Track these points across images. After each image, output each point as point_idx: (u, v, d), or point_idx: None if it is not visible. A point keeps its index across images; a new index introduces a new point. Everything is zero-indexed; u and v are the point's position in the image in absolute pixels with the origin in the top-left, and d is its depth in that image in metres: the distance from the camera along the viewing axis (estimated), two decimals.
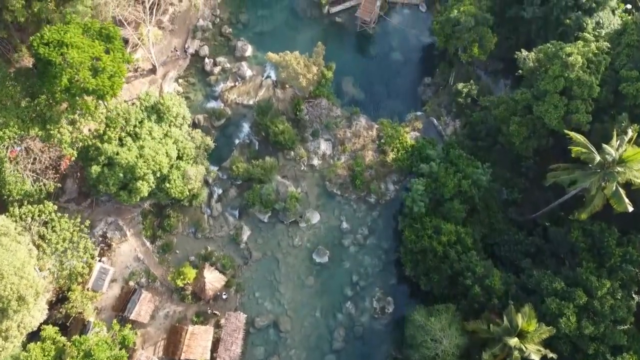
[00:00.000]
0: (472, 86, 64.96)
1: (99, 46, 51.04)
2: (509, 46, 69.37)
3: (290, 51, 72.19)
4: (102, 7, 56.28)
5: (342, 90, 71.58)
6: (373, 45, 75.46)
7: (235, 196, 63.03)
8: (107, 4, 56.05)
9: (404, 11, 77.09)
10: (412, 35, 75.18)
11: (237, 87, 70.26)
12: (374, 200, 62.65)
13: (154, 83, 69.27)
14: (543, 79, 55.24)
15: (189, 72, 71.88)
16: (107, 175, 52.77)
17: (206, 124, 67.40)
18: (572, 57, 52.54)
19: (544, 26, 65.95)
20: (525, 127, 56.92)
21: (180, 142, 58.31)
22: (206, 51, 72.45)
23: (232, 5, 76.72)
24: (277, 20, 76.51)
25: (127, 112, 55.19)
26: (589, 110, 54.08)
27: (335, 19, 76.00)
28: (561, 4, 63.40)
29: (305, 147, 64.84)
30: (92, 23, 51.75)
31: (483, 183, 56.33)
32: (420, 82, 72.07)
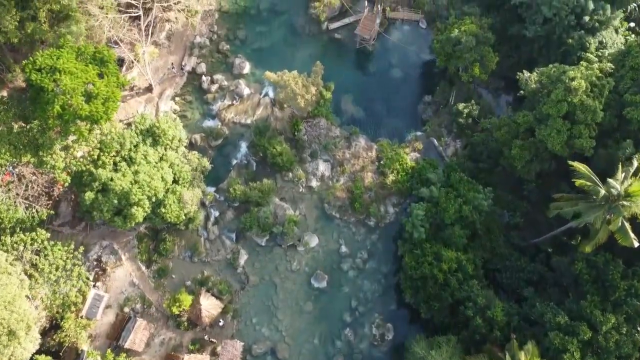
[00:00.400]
0: (473, 106, 63.93)
1: (92, 70, 50.04)
2: (511, 64, 68.51)
3: (289, 69, 71.47)
4: (96, 30, 55.25)
5: (341, 108, 70.58)
6: (372, 61, 74.45)
7: (233, 218, 61.99)
8: (101, 26, 55.00)
9: (404, 27, 76.08)
10: (412, 52, 74.18)
11: (235, 105, 69.25)
12: (373, 223, 61.60)
13: (150, 102, 68.29)
14: (545, 103, 54.22)
15: (186, 90, 70.93)
16: (101, 202, 51.73)
17: (203, 143, 66.38)
18: (576, 81, 51.52)
19: (546, 45, 65.00)
20: (527, 151, 55.89)
21: (176, 166, 57.26)
22: (203, 69, 71.47)
23: (229, 22, 75.78)
24: (275, 36, 75.55)
25: (121, 136, 54.16)
26: (592, 135, 53.05)
27: (334, 35, 75.01)
28: (563, 23, 62.45)
29: (303, 168, 63.81)
30: (85, 47, 50.74)
31: (484, 208, 55.31)
32: (421, 100, 71.04)
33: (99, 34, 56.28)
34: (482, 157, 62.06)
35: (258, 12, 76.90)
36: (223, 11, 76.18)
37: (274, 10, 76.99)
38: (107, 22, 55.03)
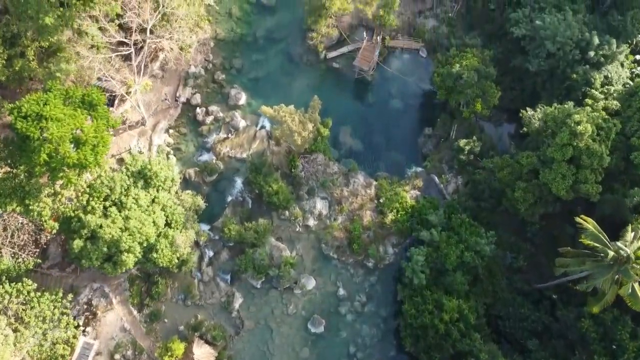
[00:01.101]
0: (475, 143, 62.22)
1: (81, 115, 48.25)
2: (513, 97, 67.01)
3: (286, 99, 69.90)
4: (86, 70, 53.56)
5: (339, 140, 68.82)
6: (371, 92, 72.75)
7: (227, 259, 60.18)
8: (91, 67, 53.27)
9: (404, 56, 74.36)
10: (412, 82, 72.44)
11: (230, 139, 67.47)
12: (372, 265, 59.82)
13: (143, 135, 66.50)
14: (550, 145, 52.52)
15: (180, 121, 69.15)
16: (90, 250, 49.92)
17: (197, 179, 64.61)
18: (581, 125, 49.81)
19: (549, 79, 63.36)
20: (530, 194, 54.18)
21: (168, 208, 55.48)
22: (198, 100, 69.70)
23: (225, 50, 74.05)
24: (272, 65, 73.84)
25: (112, 180, 52.37)
26: (598, 180, 51.31)
27: (333, 64, 73.28)
28: (568, 57, 60.84)
29: (300, 206, 62.02)
30: (74, 91, 48.93)
31: (487, 253, 53.57)
32: (421, 132, 69.31)
33: (89, 74, 54.49)
34: (483, 195, 60.32)
35: (254, 39, 75.24)
36: (219, 39, 74.48)
37: (271, 38, 75.32)
38: (97, 62, 53.15)
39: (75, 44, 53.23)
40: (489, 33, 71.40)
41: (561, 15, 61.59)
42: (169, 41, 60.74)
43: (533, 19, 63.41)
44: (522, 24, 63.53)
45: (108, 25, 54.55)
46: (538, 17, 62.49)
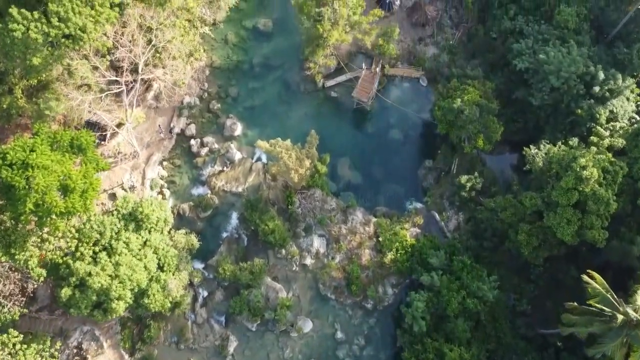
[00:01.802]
0: (476, 179, 60.53)
1: (69, 160, 46.63)
2: (516, 129, 65.21)
3: (283, 128, 68.84)
4: (75, 111, 51.91)
5: (337, 173, 67.08)
6: (370, 121, 71.06)
7: (222, 300, 58.46)
8: (80, 106, 51.58)
9: (404, 85, 72.64)
10: (412, 111, 70.72)
11: (226, 172, 65.78)
12: (371, 306, 58.07)
13: (136, 168, 64.89)
14: (554, 188, 50.81)
15: (175, 153, 67.53)
16: (78, 299, 48.19)
17: (192, 214, 62.94)
18: (587, 170, 48.09)
19: (553, 113, 61.69)
20: (534, 237, 52.47)
21: (161, 250, 53.72)
22: (193, 130, 68.05)
23: (221, 78, 72.40)
24: (269, 93, 72.17)
25: (102, 224, 50.58)
26: (604, 225, 49.62)
27: (331, 93, 71.59)
28: (572, 92, 59.17)
29: (297, 244, 60.30)
30: (62, 135, 47.23)
31: (489, 299, 51.87)
32: (421, 164, 67.54)
33: (79, 113, 52.82)
34: (485, 234, 58.66)
35: (251, 67, 73.60)
36: (214, 67, 72.87)
37: (268, 65, 73.66)
38: (87, 102, 51.46)
39: (64, 84, 51.46)
40: (490, 62, 69.67)
41: (565, 49, 59.94)
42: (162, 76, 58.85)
43: (536, 51, 61.79)
44: (525, 57, 61.87)
45: (99, 63, 52.82)
46: (541, 50, 60.87)
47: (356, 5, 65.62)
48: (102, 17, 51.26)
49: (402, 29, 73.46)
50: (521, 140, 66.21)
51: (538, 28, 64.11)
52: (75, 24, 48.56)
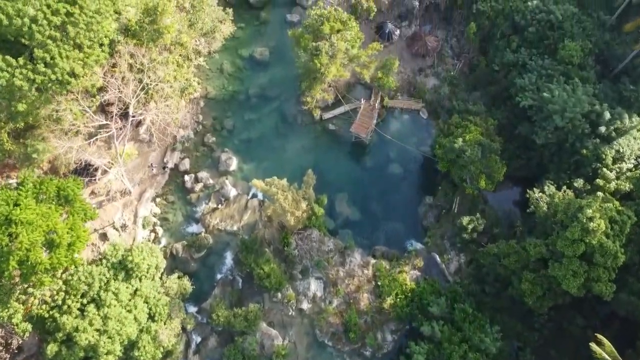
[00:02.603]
0: (478, 220, 58.67)
1: (55, 213, 44.83)
2: (519, 166, 63.37)
3: (279, 163, 67.41)
4: (62, 158, 50.11)
5: (335, 209, 65.20)
6: (369, 155, 69.24)
7: (216, 346, 56.49)
8: (68, 154, 49.75)
9: (404, 117, 70.86)
10: (411, 144, 68.90)
11: (220, 209, 63.95)
12: (369, 354, 56.11)
13: (128, 206, 63.10)
14: (560, 237, 48.96)
15: (168, 188, 65.77)
16: (65, 356, 46.31)
17: (185, 254, 61.03)
18: (594, 222, 46.26)
19: (557, 152, 59.84)
20: (539, 287, 50.63)
21: (152, 299, 51.90)
22: (187, 165, 66.30)
23: (216, 109, 70.65)
24: (265, 125, 70.42)
25: (90, 274, 48.71)
26: (612, 278, 47.79)
27: (329, 126, 69.80)
28: (577, 131, 57.35)
29: (293, 287, 58.42)
30: (47, 184, 45.44)
31: (492, 352, 50.03)
32: (421, 201, 65.66)
33: (67, 160, 51.03)
34: (488, 279, 56.81)
35: (247, 97, 71.86)
36: (209, 97, 71.18)
37: (264, 96, 71.92)
38: (75, 149, 49.65)
39: (51, 131, 49.65)
40: (492, 95, 67.93)
41: (570, 87, 58.16)
42: (155, 117, 57.07)
43: (540, 87, 60.01)
44: (528, 93, 60.08)
45: (87, 106, 50.99)
46: (545, 87, 59.10)
47: (354, 38, 63.87)
48: (91, 59, 49.57)
49: (402, 60, 71.75)
50: (524, 176, 64.79)
51: (542, 62, 62.34)
52: (62, 69, 46.81)
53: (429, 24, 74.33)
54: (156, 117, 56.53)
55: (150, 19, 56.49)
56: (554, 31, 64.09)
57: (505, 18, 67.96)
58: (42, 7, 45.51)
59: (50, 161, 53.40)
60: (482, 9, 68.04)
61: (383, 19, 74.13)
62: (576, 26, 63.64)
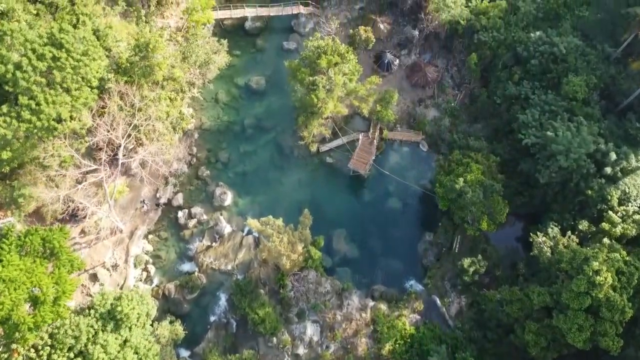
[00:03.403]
0: (480, 262, 56.89)
1: (40, 267, 43.00)
2: (522, 203, 61.62)
3: (275, 197, 66.01)
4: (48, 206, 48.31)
5: (332, 246, 63.32)
6: (368, 189, 67.46)
7: None
8: (54, 204, 47.96)
9: (403, 149, 69.14)
10: (411, 177, 67.14)
11: (214, 247, 62.18)
12: None
13: (119, 244, 61.37)
14: (565, 288, 47.24)
15: (161, 224, 64.01)
16: None
17: (178, 295, 59.21)
18: (601, 275, 44.54)
19: (561, 191, 58.15)
20: (543, 337, 48.88)
21: (142, 348, 49.87)
22: (180, 200, 64.54)
23: (211, 141, 68.94)
24: (261, 157, 68.72)
25: (77, 327, 46.72)
26: (619, 332, 46.03)
27: (326, 159, 68.11)
28: (581, 171, 55.64)
29: (289, 330, 56.65)
30: (32, 237, 43.61)
31: None
32: (421, 238, 63.87)
33: (53, 209, 49.25)
34: (490, 324, 55.01)
35: (242, 128, 70.16)
36: (204, 129, 69.50)
37: (260, 127, 70.24)
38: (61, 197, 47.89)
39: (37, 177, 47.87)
40: (494, 127, 66.31)
41: (574, 125, 56.48)
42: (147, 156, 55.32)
43: (543, 124, 58.37)
44: (531, 130, 58.39)
45: (75, 150, 49.19)
46: (549, 124, 57.42)
47: (353, 71, 62.18)
48: (79, 101, 47.86)
49: (402, 90, 70.09)
50: (527, 213, 63.14)
51: (545, 97, 60.65)
52: (48, 115, 45.04)
53: (428, 52, 72.67)
54: (148, 158, 54.52)
55: (142, 55, 54.72)
56: (558, 64, 62.48)
57: (507, 49, 66.34)
58: (27, 53, 43.71)
59: (36, 207, 51.55)
60: (484, 39, 66.39)
61: (382, 47, 72.48)
62: (580, 59, 62.02)
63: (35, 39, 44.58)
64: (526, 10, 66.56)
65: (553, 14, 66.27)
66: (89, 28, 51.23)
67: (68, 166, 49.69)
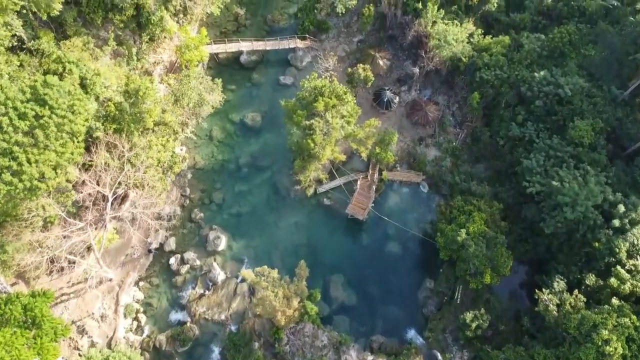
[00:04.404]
0: (483, 317, 54.72)
1: (21, 338, 40.82)
2: (525, 251, 59.54)
3: (270, 240, 63.99)
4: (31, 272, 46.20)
5: (330, 293, 61.09)
6: (366, 232, 65.26)
7: None
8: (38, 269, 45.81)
9: (403, 190, 66.98)
10: (411, 220, 65.03)
11: (207, 296, 60.01)
12: None
13: (109, 292, 59.27)
14: (573, 355, 45.11)
15: (152, 270, 61.91)
16: None
17: (169, 348, 57.05)
18: (610, 346, 42.43)
19: (567, 242, 56.00)
20: None
21: None
22: (172, 245, 62.48)
23: (205, 180, 66.84)
24: (256, 198, 66.60)
25: None
26: None
27: (323, 200, 65.91)
28: (588, 222, 53.51)
29: None
30: (13, 305, 41.47)
31: None
32: (422, 284, 61.75)
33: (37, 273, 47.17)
34: None
35: (237, 167, 68.10)
36: (197, 168, 67.39)
37: (256, 166, 68.17)
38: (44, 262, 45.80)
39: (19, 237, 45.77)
40: (497, 169, 64.26)
41: (580, 174, 54.41)
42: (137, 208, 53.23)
43: (548, 171, 56.28)
44: (536, 177, 56.27)
45: (60, 206, 47.07)
46: (554, 173, 55.33)
47: (351, 112, 60.06)
48: (64, 157, 45.64)
49: (402, 128, 68.10)
50: (531, 261, 61.10)
51: (550, 142, 58.61)
52: (30, 176, 42.89)
53: (429, 88, 70.62)
54: (137, 213, 52.44)
55: (131, 102, 52.66)
56: (563, 106, 60.48)
57: (511, 87, 64.31)
58: (9, 111, 41.62)
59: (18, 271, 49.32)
60: (486, 77, 64.29)
61: (381, 82, 70.41)
62: (586, 101, 60.00)
63: (17, 96, 42.47)
64: (530, 48, 64.47)
65: (558, 52, 64.19)
66: (76, 76, 49.13)
67: (53, 222, 47.49)
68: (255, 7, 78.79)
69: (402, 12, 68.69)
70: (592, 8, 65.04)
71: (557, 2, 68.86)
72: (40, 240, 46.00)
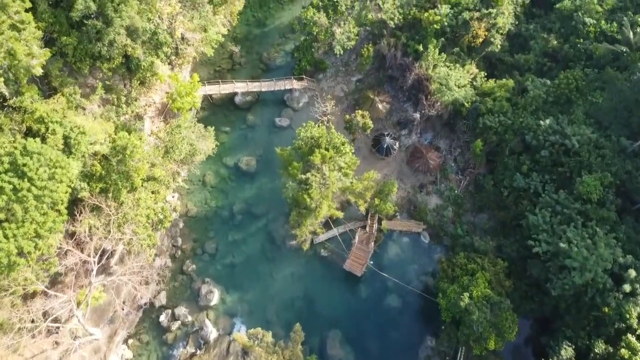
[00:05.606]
0: None
1: None
2: (531, 309, 57.04)
3: (265, 292, 61.42)
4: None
5: (326, 351, 58.53)
6: (365, 285, 62.66)
7: None
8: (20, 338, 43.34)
9: (403, 240, 64.47)
10: (411, 272, 62.58)
11: (199, 355, 57.43)
12: None
13: (97, 352, 56.62)
14: None
15: (142, 327, 59.47)
16: None
17: None
18: None
19: (575, 304, 53.50)
20: None
21: None
22: (163, 300, 60.06)
23: (197, 230, 64.41)
24: (251, 248, 64.16)
25: None
26: None
27: (320, 251, 63.43)
28: (597, 285, 51.01)
29: None
30: None
31: None
32: (422, 342, 59.24)
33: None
34: None
35: (231, 215, 65.64)
36: (190, 216, 64.94)
37: (250, 213, 65.73)
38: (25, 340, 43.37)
39: None
40: (500, 219, 61.77)
41: (589, 236, 51.87)
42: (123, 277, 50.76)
43: (555, 229, 53.77)
44: (542, 235, 53.76)
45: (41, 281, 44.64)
46: (561, 232, 52.82)
47: (349, 164, 57.58)
48: (45, 228, 43.19)
49: (402, 174, 65.70)
50: (537, 319, 58.66)
51: (556, 197, 56.08)
52: (8, 252, 40.45)
53: (430, 131, 68.18)
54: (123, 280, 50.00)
55: (118, 159, 50.24)
56: (570, 157, 58.01)
57: (515, 134, 61.88)
58: None
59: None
60: (489, 123, 61.85)
61: (381, 125, 67.99)
62: (594, 153, 57.52)
63: None
64: (535, 94, 62.02)
65: (564, 99, 61.73)
66: (59, 136, 46.66)
67: (35, 294, 45.06)
68: (250, 45, 76.44)
69: (402, 54, 66.33)
70: (599, 52, 62.60)
71: (563, 44, 66.45)
72: (21, 315, 43.53)
